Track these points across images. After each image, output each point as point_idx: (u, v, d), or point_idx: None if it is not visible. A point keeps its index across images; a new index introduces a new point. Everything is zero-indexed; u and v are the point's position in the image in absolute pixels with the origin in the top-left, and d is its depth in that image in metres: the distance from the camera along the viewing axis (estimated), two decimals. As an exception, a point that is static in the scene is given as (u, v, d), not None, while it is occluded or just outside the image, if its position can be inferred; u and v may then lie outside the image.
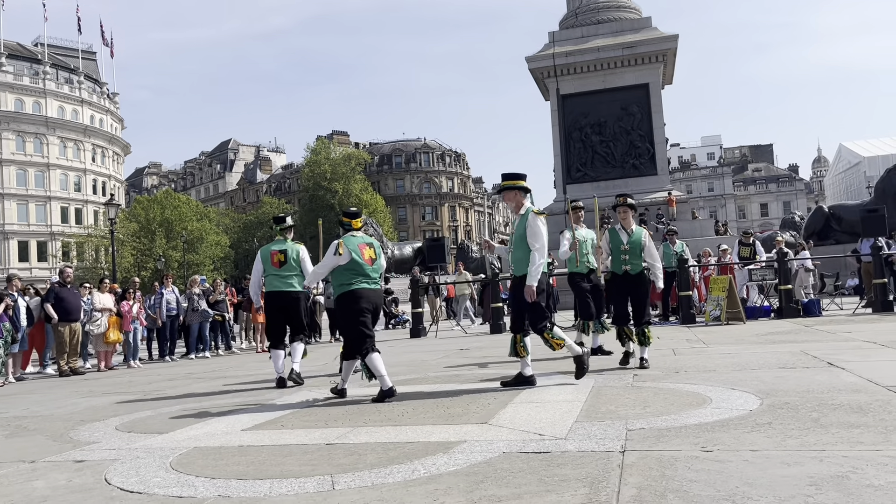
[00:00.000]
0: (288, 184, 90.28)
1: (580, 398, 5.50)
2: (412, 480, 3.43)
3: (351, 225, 6.75)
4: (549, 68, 29.25)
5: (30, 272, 56.71)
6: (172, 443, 4.81)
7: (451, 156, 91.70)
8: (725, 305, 13.47)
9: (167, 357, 14.36)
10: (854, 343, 8.56)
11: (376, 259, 6.62)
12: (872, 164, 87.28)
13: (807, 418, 4.25)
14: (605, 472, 3.33)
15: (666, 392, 5.61)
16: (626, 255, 7.49)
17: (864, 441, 3.62)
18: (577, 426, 4.43)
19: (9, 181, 62.21)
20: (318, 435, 4.73)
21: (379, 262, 6.64)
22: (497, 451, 3.87)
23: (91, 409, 7.15)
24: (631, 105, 28.83)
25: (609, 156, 28.94)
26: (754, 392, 5.28)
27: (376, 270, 6.59)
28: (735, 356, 7.92)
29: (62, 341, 12.16)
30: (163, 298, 14.55)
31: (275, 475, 3.70)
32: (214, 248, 62.40)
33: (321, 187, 69.59)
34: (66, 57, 71.27)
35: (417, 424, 4.87)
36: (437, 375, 7.87)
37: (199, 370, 11.32)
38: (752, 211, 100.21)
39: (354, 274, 6.42)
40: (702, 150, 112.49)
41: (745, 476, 3.12)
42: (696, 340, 10.24)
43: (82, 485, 3.81)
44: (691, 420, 4.41)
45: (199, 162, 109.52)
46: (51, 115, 64.68)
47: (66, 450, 4.86)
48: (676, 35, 29.14)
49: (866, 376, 5.68)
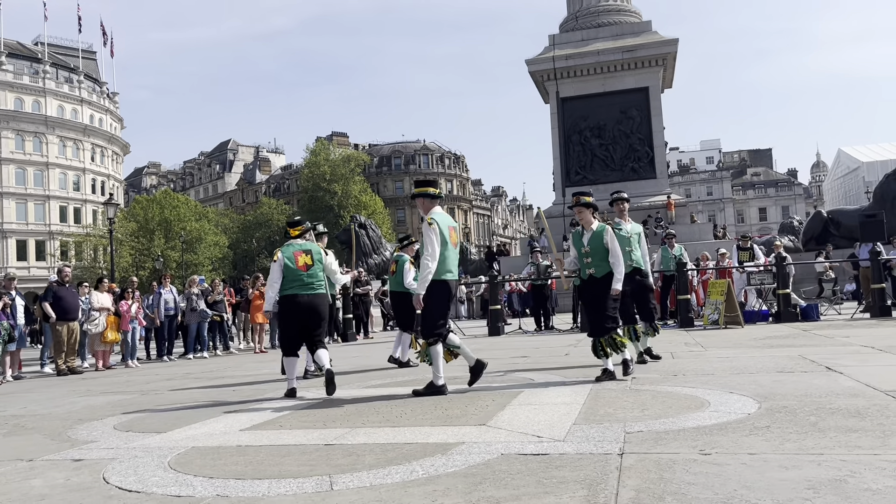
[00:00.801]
0: (287, 185, 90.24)
1: (578, 400, 5.50)
2: (410, 481, 3.43)
3: (289, 234, 7.26)
4: (549, 71, 29.33)
5: (28, 271, 56.69)
6: (171, 442, 4.80)
7: (451, 158, 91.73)
8: (724, 309, 13.48)
9: (165, 357, 14.35)
10: (852, 347, 8.57)
11: (312, 265, 6.98)
12: (871, 170, 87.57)
13: (805, 422, 4.26)
14: (604, 474, 3.33)
15: (664, 395, 5.62)
16: (588, 258, 6.86)
17: (862, 445, 3.63)
18: (575, 428, 4.43)
19: (7, 180, 62.11)
20: (317, 435, 4.73)
21: (315, 269, 6.98)
22: (495, 453, 3.87)
23: (89, 408, 7.15)
24: (630, 108, 28.89)
25: (608, 159, 29.00)
26: (752, 396, 5.28)
27: (313, 276, 6.96)
28: (733, 360, 7.93)
29: (60, 340, 12.15)
30: (161, 298, 14.55)
31: (273, 475, 3.70)
32: (213, 248, 62.32)
33: (320, 188, 69.54)
34: (66, 56, 71.22)
35: (416, 425, 4.87)
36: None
37: (198, 370, 11.31)
38: (751, 215, 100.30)
39: (288, 280, 6.88)
40: (701, 154, 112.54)
41: (743, 479, 3.12)
42: (695, 344, 10.25)
43: (80, 483, 3.81)
44: (689, 423, 4.42)
45: (199, 162, 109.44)
46: (50, 114, 64.61)
47: (64, 449, 4.85)
48: (676, 39, 29.21)
49: (864, 381, 5.69)
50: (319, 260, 7.10)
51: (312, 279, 6.96)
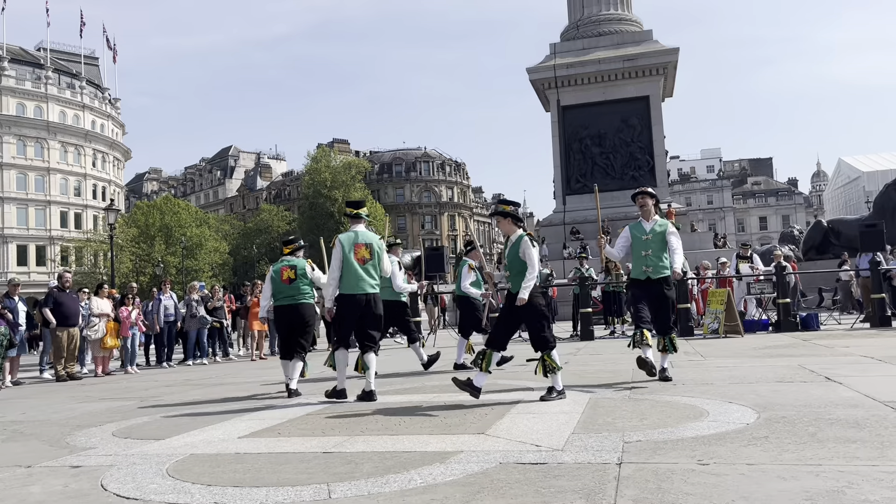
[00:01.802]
0: (288, 191, 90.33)
1: (577, 410, 5.50)
2: (408, 490, 3.43)
3: (283, 251, 8.18)
4: (550, 79, 29.40)
5: (28, 276, 56.63)
6: (169, 449, 4.80)
7: (452, 165, 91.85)
8: (724, 318, 13.49)
9: (164, 363, 14.34)
10: (852, 358, 8.56)
11: (295, 279, 7.81)
12: (871, 179, 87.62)
13: (803, 433, 4.26)
14: (602, 483, 3.33)
15: (663, 404, 5.62)
16: (506, 272, 6.48)
17: (861, 456, 3.63)
18: (574, 438, 4.43)
19: (9, 185, 62.18)
20: (316, 443, 4.73)
21: (297, 282, 7.79)
22: (494, 462, 3.87)
23: (88, 414, 7.14)
24: (631, 117, 28.94)
25: (609, 167, 29.03)
26: (751, 406, 5.28)
27: (294, 288, 7.79)
28: (733, 369, 7.92)
29: (60, 346, 12.14)
30: (161, 304, 14.55)
31: (271, 483, 3.69)
32: (213, 254, 62.33)
33: (321, 195, 69.58)
34: (69, 62, 71.43)
35: (414, 434, 4.87)
36: (434, 385, 7.86)
37: (197, 377, 11.31)
38: (751, 224, 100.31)
39: (276, 292, 7.84)
40: (701, 162, 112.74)
41: (742, 490, 3.12)
42: (694, 353, 10.24)
43: (78, 490, 3.81)
44: (688, 433, 4.42)
45: (200, 168, 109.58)
46: (52, 119, 64.73)
47: (63, 455, 4.85)
48: (677, 48, 29.29)
49: (863, 391, 5.69)
50: (303, 274, 7.87)
51: (294, 291, 7.79)
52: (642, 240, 7.20)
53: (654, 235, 7.16)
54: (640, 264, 7.19)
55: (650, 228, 7.22)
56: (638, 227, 7.35)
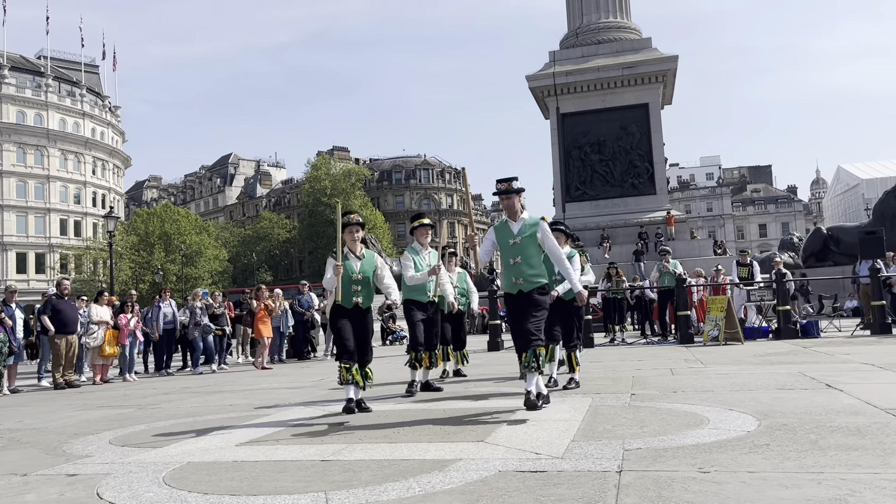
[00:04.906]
0: (288, 199, 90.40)
1: (577, 417, 5.47)
2: (407, 498, 3.41)
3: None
4: (550, 87, 29.43)
5: (27, 284, 56.61)
6: (166, 457, 4.77)
7: (451, 172, 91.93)
8: (724, 326, 13.46)
9: (163, 370, 14.29)
10: (852, 365, 8.54)
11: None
12: (871, 187, 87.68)
13: (805, 440, 4.23)
14: (602, 491, 3.31)
15: (663, 412, 5.59)
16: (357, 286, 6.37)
17: (862, 464, 3.60)
18: (573, 445, 4.40)
19: (8, 193, 62.24)
20: (313, 451, 4.70)
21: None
22: (493, 470, 3.85)
23: (85, 422, 7.11)
24: (630, 125, 28.95)
25: (608, 175, 29.03)
26: (752, 413, 5.26)
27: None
28: (733, 377, 7.90)
29: (58, 354, 12.11)
30: (160, 311, 14.49)
31: (269, 491, 3.67)
32: (213, 262, 62.36)
33: (321, 203, 69.67)
34: (69, 70, 71.58)
35: (413, 442, 4.84)
36: (431, 392, 7.83)
37: (195, 384, 11.27)
38: (751, 231, 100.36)
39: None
40: (701, 170, 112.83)
41: (743, 498, 3.10)
42: (694, 360, 10.22)
43: (74, 499, 3.78)
44: (688, 440, 4.39)
45: (199, 176, 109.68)
46: (52, 127, 64.85)
47: (59, 463, 4.82)
48: (676, 56, 29.34)
49: (865, 398, 5.66)
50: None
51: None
52: (510, 245, 5.98)
53: (524, 239, 5.93)
54: (510, 275, 5.97)
55: (518, 230, 5.99)
56: (503, 229, 6.09)
